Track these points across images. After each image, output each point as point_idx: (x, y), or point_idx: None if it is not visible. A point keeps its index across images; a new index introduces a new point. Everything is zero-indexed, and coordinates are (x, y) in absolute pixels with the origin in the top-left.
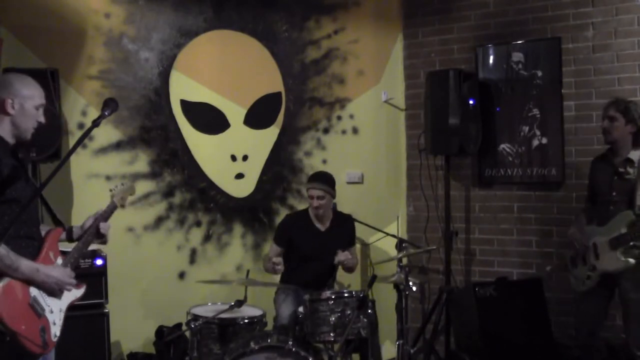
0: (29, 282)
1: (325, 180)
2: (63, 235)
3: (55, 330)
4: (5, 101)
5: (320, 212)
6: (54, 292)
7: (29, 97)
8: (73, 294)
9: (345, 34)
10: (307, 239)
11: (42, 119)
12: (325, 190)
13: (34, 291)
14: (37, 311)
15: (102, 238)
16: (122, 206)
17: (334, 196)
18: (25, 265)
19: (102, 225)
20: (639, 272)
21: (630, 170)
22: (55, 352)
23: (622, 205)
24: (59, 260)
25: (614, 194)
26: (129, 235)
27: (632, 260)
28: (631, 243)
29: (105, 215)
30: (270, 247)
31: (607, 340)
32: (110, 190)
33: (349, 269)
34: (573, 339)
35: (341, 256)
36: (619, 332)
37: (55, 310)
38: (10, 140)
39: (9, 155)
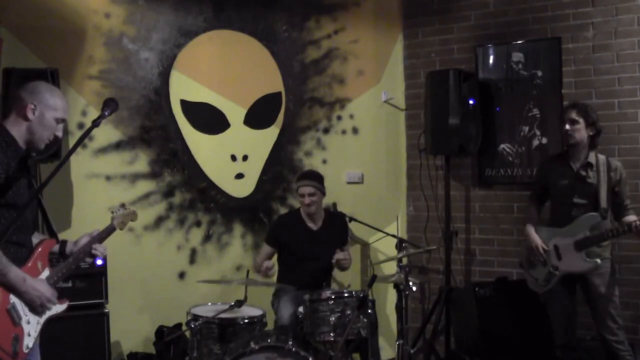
0: (12, 289)
1: (313, 177)
2: (55, 249)
3: (29, 342)
4: (27, 106)
5: (312, 209)
6: (34, 305)
7: (52, 107)
8: (54, 309)
9: (345, 34)
10: (299, 240)
11: (59, 133)
12: (315, 186)
13: (13, 298)
14: (13, 318)
15: (93, 258)
16: (122, 229)
17: (324, 193)
18: (14, 272)
19: (96, 246)
20: (604, 268)
21: (591, 173)
22: (56, 352)
23: (584, 208)
24: (46, 272)
25: (576, 196)
26: (129, 235)
27: (598, 261)
28: (598, 245)
29: (102, 235)
30: (261, 248)
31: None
32: (112, 212)
33: (344, 269)
34: (555, 340)
35: (339, 254)
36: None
37: (32, 321)
38: (23, 145)
39: (18, 160)
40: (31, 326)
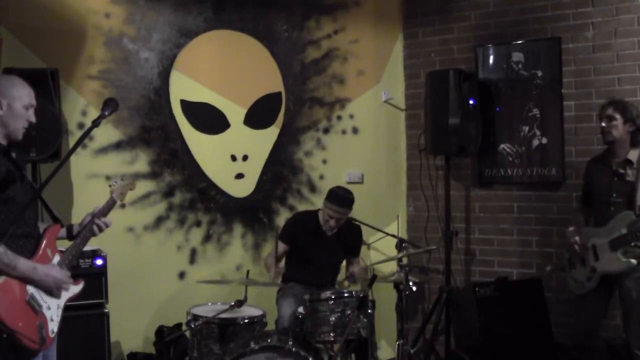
0: (26, 280)
1: (349, 205)
2: (63, 233)
3: (53, 327)
4: None
5: (334, 230)
6: (52, 290)
7: (17, 97)
8: (71, 291)
9: (345, 34)
10: (312, 241)
11: (32, 119)
12: (346, 214)
13: (31, 288)
14: (34, 308)
15: (99, 228)
16: (122, 201)
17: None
18: (23, 264)
19: (103, 219)
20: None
21: (630, 171)
22: (56, 351)
23: (622, 207)
24: (57, 258)
25: (614, 195)
26: (129, 235)
27: (633, 261)
28: (632, 244)
29: (104, 211)
30: (276, 245)
31: (607, 340)
32: (110, 186)
33: (354, 281)
34: (573, 339)
35: (355, 268)
36: (619, 332)
37: (52, 306)
38: (2, 140)
39: (2, 155)
40: (52, 311)
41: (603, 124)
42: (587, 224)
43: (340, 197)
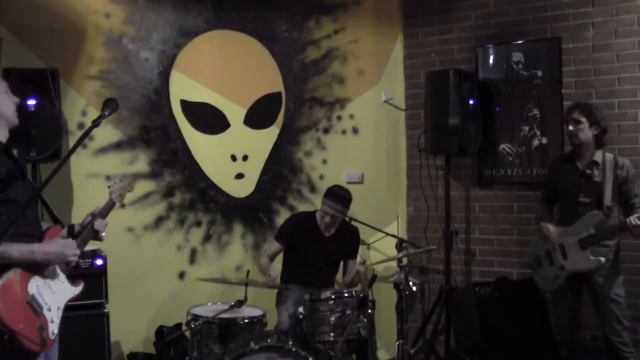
0: (29, 268)
1: (345, 202)
2: (64, 234)
3: (53, 328)
4: None
5: (329, 228)
6: (61, 264)
7: None
8: (71, 292)
9: (345, 34)
10: (309, 242)
11: (16, 99)
12: (340, 211)
13: (32, 289)
14: (35, 309)
15: (97, 235)
16: (121, 202)
17: (346, 214)
18: (17, 249)
19: (98, 222)
20: (612, 269)
21: (596, 172)
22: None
23: (590, 207)
24: None
25: (582, 195)
26: (129, 235)
27: (603, 259)
28: (601, 243)
29: (103, 212)
30: (269, 244)
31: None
32: (109, 187)
33: (352, 284)
34: (557, 337)
35: (361, 267)
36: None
37: (53, 308)
38: (2, 137)
39: (2, 155)
40: (52, 313)
41: (570, 128)
42: (552, 222)
43: (337, 194)
